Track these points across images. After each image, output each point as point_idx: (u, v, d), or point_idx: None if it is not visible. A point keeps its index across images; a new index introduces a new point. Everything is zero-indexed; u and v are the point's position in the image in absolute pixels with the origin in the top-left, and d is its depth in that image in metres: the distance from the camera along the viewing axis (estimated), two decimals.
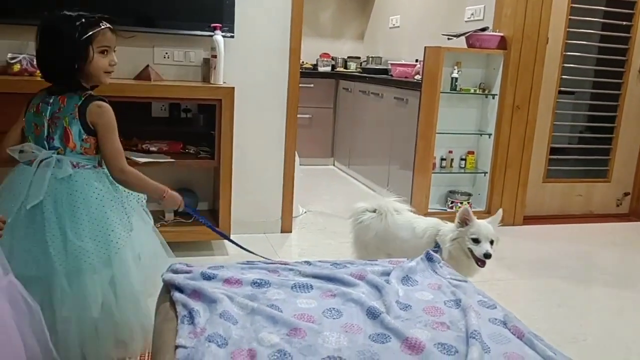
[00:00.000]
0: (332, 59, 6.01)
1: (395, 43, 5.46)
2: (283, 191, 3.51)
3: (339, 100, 5.64)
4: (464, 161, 4.04)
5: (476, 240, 2.20)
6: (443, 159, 4.02)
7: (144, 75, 2.98)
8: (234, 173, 3.00)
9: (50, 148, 1.71)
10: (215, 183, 3.10)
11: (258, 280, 1.63)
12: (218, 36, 2.99)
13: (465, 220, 2.25)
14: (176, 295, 1.54)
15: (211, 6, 3.05)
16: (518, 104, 3.86)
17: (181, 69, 3.19)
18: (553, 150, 4.17)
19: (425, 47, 3.83)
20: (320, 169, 5.63)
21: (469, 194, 4.06)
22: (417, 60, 4.41)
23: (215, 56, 3.01)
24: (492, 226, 2.24)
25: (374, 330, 1.39)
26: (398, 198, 2.60)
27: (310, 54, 5.72)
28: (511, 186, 4.00)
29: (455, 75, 3.77)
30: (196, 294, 1.53)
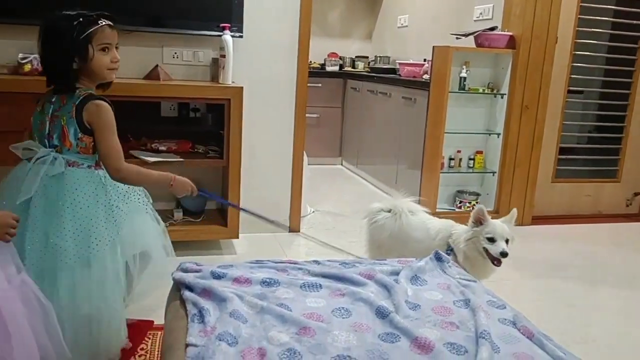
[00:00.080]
0: (340, 58, 6.01)
1: (403, 42, 5.45)
2: (291, 190, 3.52)
3: (347, 99, 5.64)
4: (472, 161, 4.03)
5: (492, 240, 2.19)
6: (451, 159, 4.01)
7: (153, 75, 3.01)
8: (242, 172, 3.01)
9: (50, 146, 1.72)
10: (224, 182, 3.11)
11: (267, 280, 1.64)
12: (227, 36, 3.00)
13: (479, 220, 2.23)
14: (186, 294, 1.56)
15: (220, 6, 3.06)
16: (527, 103, 3.85)
17: (190, 68, 3.20)
18: (562, 150, 4.15)
19: (433, 47, 3.82)
20: (328, 168, 5.63)
21: (478, 194, 4.05)
22: (426, 60, 4.40)
23: (224, 56, 3.02)
24: (507, 225, 2.23)
25: (383, 330, 1.39)
26: (413, 199, 2.60)
27: (318, 54, 5.71)
28: (520, 186, 3.99)
29: (463, 74, 3.76)
30: (206, 293, 1.54)
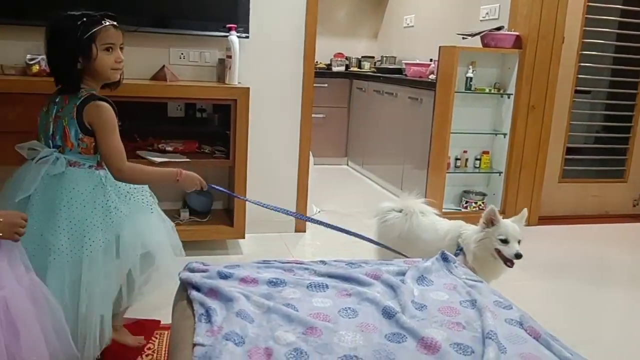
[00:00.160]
0: (346, 58, 6.01)
1: (409, 42, 5.44)
2: (297, 190, 3.52)
3: (353, 100, 5.64)
4: (478, 161, 4.02)
5: (504, 241, 2.16)
6: (458, 159, 4.00)
7: (160, 75, 3.02)
8: (248, 172, 3.02)
9: (54, 146, 1.74)
10: (230, 182, 3.12)
11: (274, 280, 1.65)
12: (233, 36, 3.01)
13: (491, 221, 2.20)
14: (193, 293, 1.56)
15: (226, 7, 3.07)
16: (533, 103, 3.84)
17: (196, 69, 3.21)
18: (569, 150, 4.14)
19: (439, 47, 3.82)
20: (334, 168, 5.63)
21: (484, 194, 4.04)
22: (432, 60, 4.39)
23: (230, 56, 3.02)
24: (518, 225, 2.20)
25: (390, 330, 1.40)
26: (425, 200, 2.59)
27: (324, 54, 5.71)
28: (526, 186, 3.98)
29: (470, 74, 3.75)
30: (213, 293, 1.55)
